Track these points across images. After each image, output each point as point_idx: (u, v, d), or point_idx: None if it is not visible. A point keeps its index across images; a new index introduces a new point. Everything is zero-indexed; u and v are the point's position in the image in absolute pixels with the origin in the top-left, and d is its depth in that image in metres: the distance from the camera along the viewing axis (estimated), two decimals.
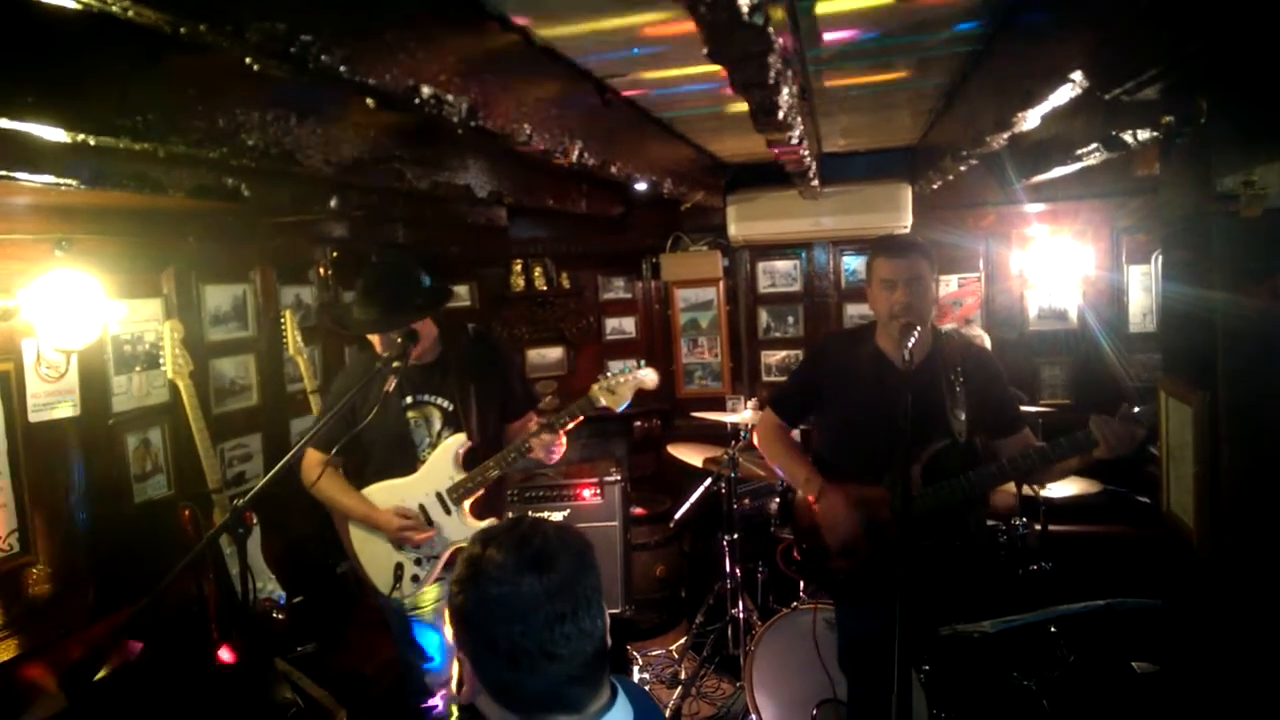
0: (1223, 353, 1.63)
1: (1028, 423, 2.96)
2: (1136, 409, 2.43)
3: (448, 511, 3.08)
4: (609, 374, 3.10)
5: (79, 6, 1.01)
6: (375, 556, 3.14)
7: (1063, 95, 1.87)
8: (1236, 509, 1.68)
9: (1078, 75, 1.70)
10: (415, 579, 3.10)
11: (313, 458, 3.11)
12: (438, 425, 3.12)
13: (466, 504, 3.08)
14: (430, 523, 3.07)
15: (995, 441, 2.84)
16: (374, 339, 3.05)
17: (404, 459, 3.09)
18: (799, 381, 3.15)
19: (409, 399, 3.10)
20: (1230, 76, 1.58)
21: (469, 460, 3.08)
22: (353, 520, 3.15)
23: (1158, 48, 1.48)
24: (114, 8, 0.97)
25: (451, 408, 3.10)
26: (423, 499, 3.08)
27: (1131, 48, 1.54)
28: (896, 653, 2.12)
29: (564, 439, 3.09)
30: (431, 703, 3.21)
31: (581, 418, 3.08)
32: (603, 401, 3.05)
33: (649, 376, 3.09)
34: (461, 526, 3.08)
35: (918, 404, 2.29)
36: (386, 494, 3.10)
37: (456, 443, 3.05)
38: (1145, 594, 2.65)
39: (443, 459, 3.06)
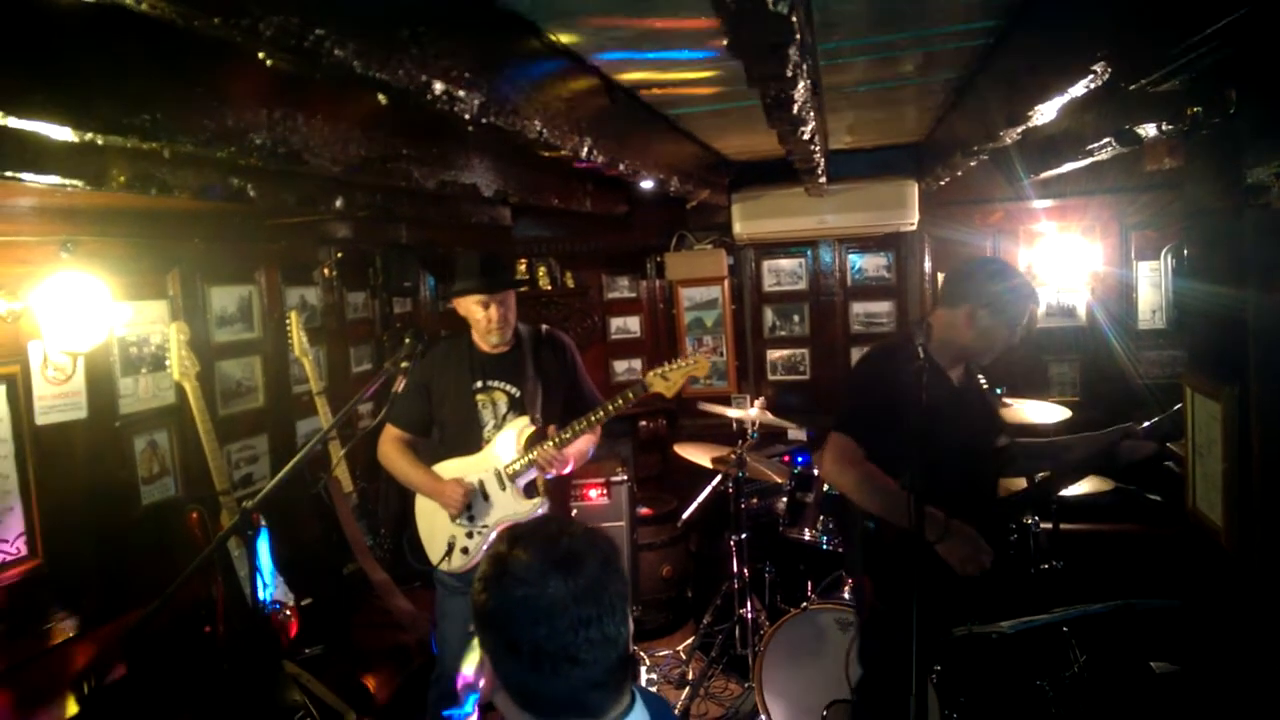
0: (1254, 347, 1.60)
1: None
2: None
3: (503, 488, 3.23)
4: (664, 363, 3.30)
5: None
6: (433, 530, 3.34)
7: (1081, 87, 1.84)
8: (1268, 504, 1.65)
9: (1099, 66, 1.67)
10: (465, 551, 3.27)
11: (390, 433, 3.38)
12: (504, 409, 3.31)
13: (521, 483, 3.23)
14: (486, 498, 3.25)
15: None
16: (473, 315, 3.23)
17: (470, 438, 3.29)
18: (874, 400, 2.82)
19: (479, 383, 3.31)
20: (1260, 66, 1.55)
21: (531, 443, 3.23)
22: (418, 494, 3.37)
23: (1186, 36, 1.45)
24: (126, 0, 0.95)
25: (518, 394, 3.30)
26: (482, 475, 3.26)
27: (1158, 37, 1.51)
28: (914, 654, 2.09)
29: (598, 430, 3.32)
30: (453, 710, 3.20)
31: (634, 399, 3.23)
32: (656, 388, 3.23)
33: (701, 363, 3.29)
34: (513, 503, 3.23)
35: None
36: (452, 470, 3.30)
37: (520, 425, 3.24)
38: (1159, 592, 2.62)
39: (505, 439, 3.25)
